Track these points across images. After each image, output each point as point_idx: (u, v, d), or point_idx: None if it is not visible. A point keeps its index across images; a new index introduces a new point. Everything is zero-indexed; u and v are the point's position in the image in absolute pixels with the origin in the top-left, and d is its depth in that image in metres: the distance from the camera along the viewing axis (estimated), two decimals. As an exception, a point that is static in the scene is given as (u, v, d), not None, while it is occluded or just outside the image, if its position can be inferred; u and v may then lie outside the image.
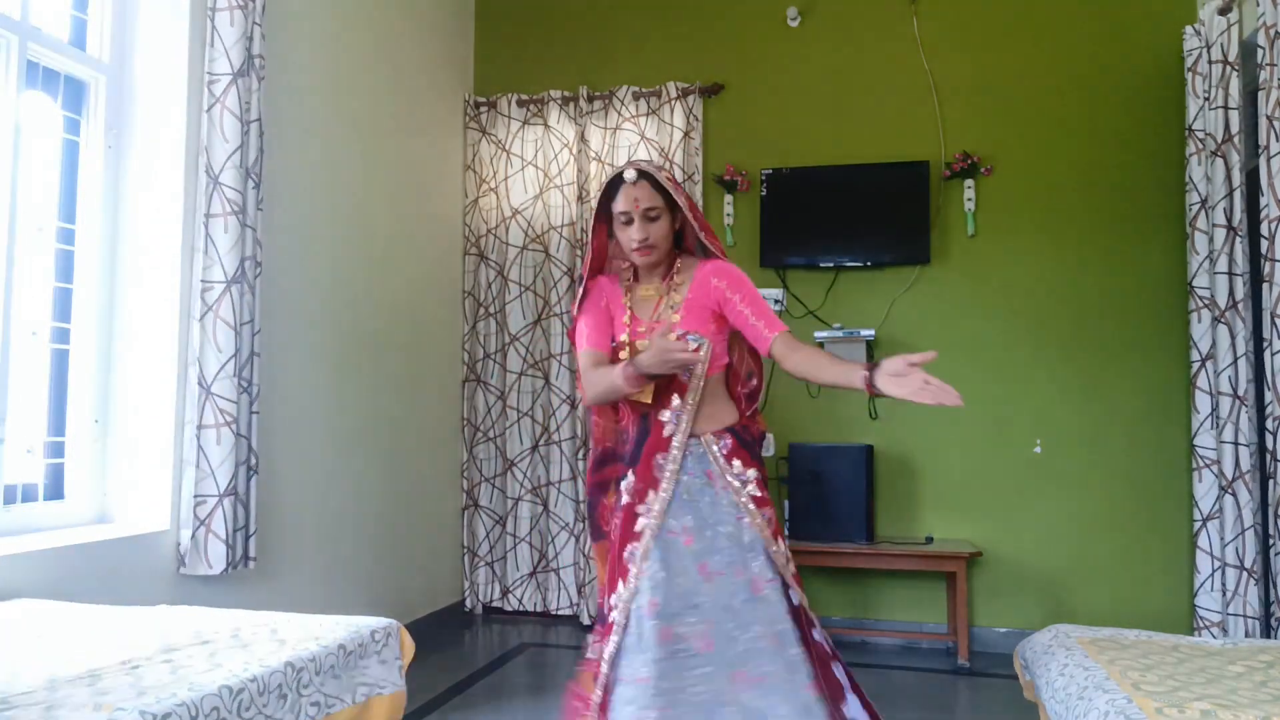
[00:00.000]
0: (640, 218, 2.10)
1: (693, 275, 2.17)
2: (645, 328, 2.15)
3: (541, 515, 4.76)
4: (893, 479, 4.41)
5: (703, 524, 2.05)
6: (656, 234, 2.12)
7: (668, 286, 2.18)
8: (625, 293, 2.23)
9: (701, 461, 2.10)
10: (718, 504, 2.07)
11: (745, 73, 4.72)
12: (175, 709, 1.44)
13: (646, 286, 2.21)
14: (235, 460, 2.84)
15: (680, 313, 2.13)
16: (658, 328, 2.12)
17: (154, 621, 2.03)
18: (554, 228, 4.80)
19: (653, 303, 2.19)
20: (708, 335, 2.13)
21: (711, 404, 2.14)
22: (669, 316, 2.14)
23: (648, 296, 2.20)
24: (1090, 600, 4.18)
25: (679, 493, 2.07)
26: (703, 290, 2.14)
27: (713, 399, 2.15)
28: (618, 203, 2.13)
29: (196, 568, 2.80)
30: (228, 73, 2.90)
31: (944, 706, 3.56)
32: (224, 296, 2.84)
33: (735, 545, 2.04)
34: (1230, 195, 3.73)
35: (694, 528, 2.04)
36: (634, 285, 2.23)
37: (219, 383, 2.82)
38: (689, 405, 2.11)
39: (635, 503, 2.08)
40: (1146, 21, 4.29)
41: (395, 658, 2.08)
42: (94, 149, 2.86)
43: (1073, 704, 1.82)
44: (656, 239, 2.12)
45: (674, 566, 2.01)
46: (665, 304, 2.17)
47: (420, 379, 4.43)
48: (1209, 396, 3.82)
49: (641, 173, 2.12)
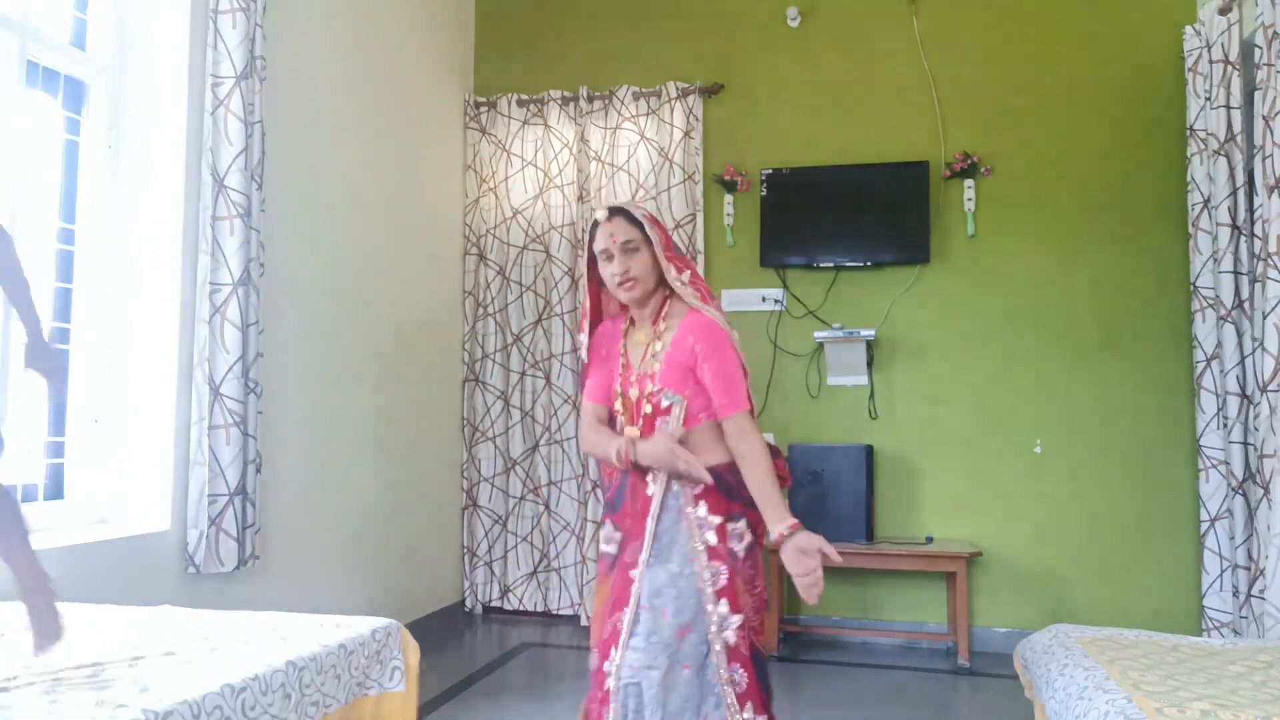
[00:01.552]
0: (619, 252, 2.07)
1: (677, 326, 2.12)
2: (635, 377, 2.13)
3: (543, 515, 4.76)
4: (893, 479, 4.41)
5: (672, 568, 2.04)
6: (638, 267, 2.07)
7: (655, 333, 2.14)
8: (623, 336, 2.20)
9: (675, 498, 2.08)
10: (683, 547, 2.05)
11: (745, 73, 4.72)
12: (178, 707, 1.44)
13: (639, 331, 2.18)
14: (244, 460, 2.87)
15: (661, 364, 2.10)
16: (642, 380, 2.11)
17: (157, 621, 2.03)
18: (554, 228, 4.80)
19: (642, 349, 2.15)
20: (685, 393, 2.08)
21: (698, 449, 2.07)
22: (652, 367, 2.11)
23: (639, 343, 2.17)
24: (1090, 600, 4.18)
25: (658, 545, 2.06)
26: (680, 349, 2.10)
27: (699, 445, 2.08)
28: (597, 242, 2.11)
29: (210, 566, 2.82)
30: (231, 75, 2.90)
31: (944, 706, 3.56)
32: (231, 298, 2.85)
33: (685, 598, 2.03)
34: (1234, 195, 3.74)
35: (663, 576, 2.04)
36: (630, 329, 2.21)
37: (228, 383, 2.84)
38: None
39: (624, 559, 2.09)
40: (1146, 21, 4.30)
41: (395, 657, 2.09)
42: (94, 149, 2.86)
43: (1073, 704, 1.83)
44: (638, 272, 2.08)
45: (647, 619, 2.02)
46: (649, 353, 2.13)
47: (420, 379, 4.43)
48: (1214, 396, 3.82)
49: (614, 209, 2.11)
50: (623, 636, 2.03)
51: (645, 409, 2.10)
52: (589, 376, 2.23)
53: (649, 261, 2.10)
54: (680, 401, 2.08)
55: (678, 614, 2.01)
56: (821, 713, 3.35)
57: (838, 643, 4.35)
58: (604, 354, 2.22)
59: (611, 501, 2.17)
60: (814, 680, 3.74)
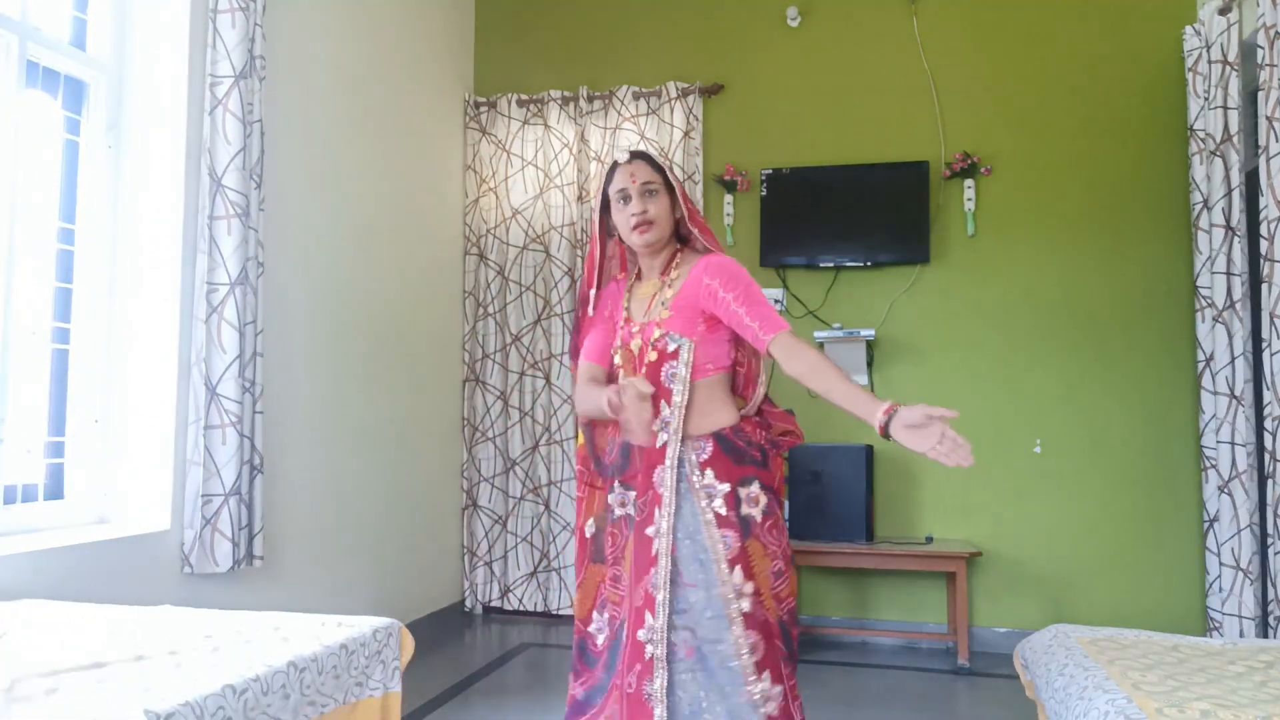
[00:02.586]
0: (638, 193, 2.03)
1: (688, 273, 2.06)
2: (638, 328, 2.07)
3: (543, 515, 4.76)
4: (893, 479, 4.41)
5: (683, 534, 1.96)
6: (656, 210, 2.03)
7: (664, 282, 2.08)
8: (625, 293, 2.15)
9: (683, 467, 2.00)
10: (693, 513, 1.97)
11: (745, 73, 4.72)
12: (179, 708, 1.44)
13: (645, 284, 2.12)
14: (240, 460, 2.86)
15: (671, 309, 2.04)
16: (649, 328, 2.05)
17: (158, 621, 2.03)
18: (554, 228, 4.80)
19: (648, 300, 2.09)
20: (694, 336, 2.01)
21: (705, 407, 2.01)
22: (660, 314, 2.04)
23: (644, 294, 2.11)
24: (1090, 600, 4.18)
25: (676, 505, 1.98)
26: (694, 288, 2.02)
27: (707, 401, 2.02)
28: (614, 182, 2.06)
29: (204, 566, 2.81)
30: (230, 75, 2.90)
31: (944, 706, 3.56)
32: (229, 298, 2.85)
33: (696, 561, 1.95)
34: (1229, 195, 3.74)
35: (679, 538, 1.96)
36: (634, 285, 2.16)
37: (224, 383, 2.83)
38: (675, 412, 1.99)
39: (642, 524, 2.00)
40: (1146, 21, 4.30)
41: (395, 658, 2.09)
42: (94, 149, 2.86)
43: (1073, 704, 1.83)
44: (655, 215, 2.03)
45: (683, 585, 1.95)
46: (658, 300, 2.07)
47: (420, 379, 4.43)
48: (1214, 396, 3.83)
49: (636, 153, 2.09)
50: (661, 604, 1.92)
51: (650, 356, 2.03)
52: (586, 334, 2.17)
53: (667, 207, 2.06)
54: (688, 345, 2.01)
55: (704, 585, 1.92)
56: (821, 713, 3.35)
57: (838, 643, 4.35)
58: (605, 314, 2.16)
59: (618, 463, 2.07)
60: (814, 680, 3.74)
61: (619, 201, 2.07)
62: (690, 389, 2.01)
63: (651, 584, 1.95)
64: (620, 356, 2.10)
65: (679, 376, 2.00)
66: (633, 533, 2.03)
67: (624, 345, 2.09)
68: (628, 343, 2.09)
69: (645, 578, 1.96)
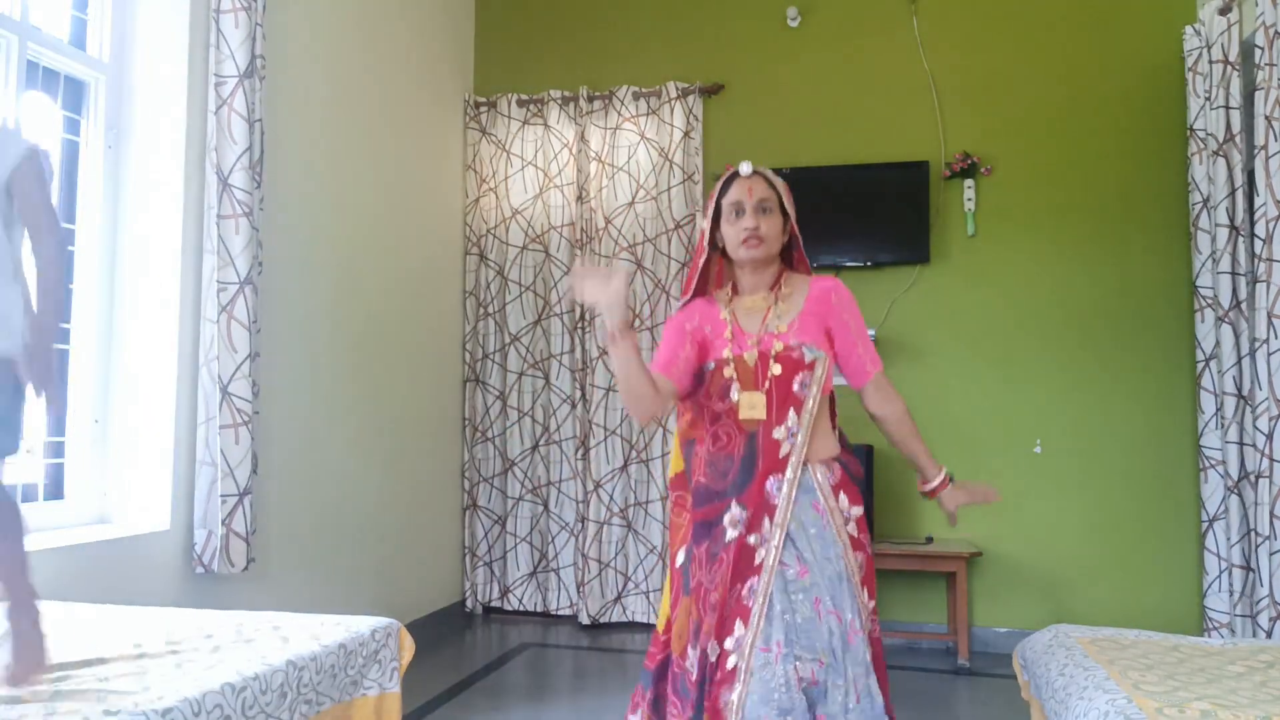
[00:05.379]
0: (753, 208, 2.04)
1: (806, 288, 2.08)
2: (754, 340, 2.03)
3: (542, 515, 4.76)
4: (893, 479, 4.41)
5: (815, 557, 1.93)
6: (768, 227, 2.04)
7: (775, 297, 2.07)
8: (724, 307, 2.11)
9: (808, 491, 1.98)
10: (824, 537, 1.95)
11: (745, 73, 4.72)
12: (179, 705, 1.44)
13: (752, 298, 2.10)
14: (251, 460, 2.88)
15: (794, 324, 2.03)
16: (767, 340, 2.02)
17: (158, 620, 2.03)
18: (554, 228, 4.80)
19: (760, 314, 2.07)
20: (825, 350, 2.02)
21: (820, 430, 2.02)
22: (777, 327, 2.03)
23: (753, 308, 2.09)
24: (1090, 600, 4.18)
25: (792, 521, 1.95)
26: (821, 304, 2.05)
27: (820, 425, 2.03)
28: (729, 194, 2.07)
29: (221, 567, 2.81)
30: (234, 75, 2.90)
31: (944, 706, 3.56)
32: (238, 297, 2.86)
33: (838, 584, 1.93)
34: (1232, 195, 3.74)
35: (809, 560, 1.93)
36: (735, 298, 2.13)
37: (235, 382, 2.84)
38: (805, 422, 1.98)
39: (746, 534, 1.95)
40: (1146, 21, 4.30)
41: (394, 658, 2.09)
42: (94, 149, 2.86)
43: (1073, 704, 1.82)
44: (767, 232, 2.03)
45: (793, 602, 1.90)
46: (773, 314, 2.06)
47: (420, 379, 4.43)
48: (1214, 396, 3.82)
49: (757, 171, 2.09)
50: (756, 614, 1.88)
51: (774, 369, 2.00)
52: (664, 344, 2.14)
53: (778, 227, 2.08)
54: (824, 357, 2.02)
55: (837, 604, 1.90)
56: (821, 713, 3.34)
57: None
58: (688, 328, 2.12)
59: (736, 482, 1.99)
60: (814, 680, 3.74)
61: (731, 214, 2.07)
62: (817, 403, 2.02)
63: (750, 591, 1.91)
64: (733, 369, 2.04)
65: (814, 384, 2.01)
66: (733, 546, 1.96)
67: (736, 358, 2.05)
68: (740, 354, 2.05)
69: (739, 586, 1.92)
